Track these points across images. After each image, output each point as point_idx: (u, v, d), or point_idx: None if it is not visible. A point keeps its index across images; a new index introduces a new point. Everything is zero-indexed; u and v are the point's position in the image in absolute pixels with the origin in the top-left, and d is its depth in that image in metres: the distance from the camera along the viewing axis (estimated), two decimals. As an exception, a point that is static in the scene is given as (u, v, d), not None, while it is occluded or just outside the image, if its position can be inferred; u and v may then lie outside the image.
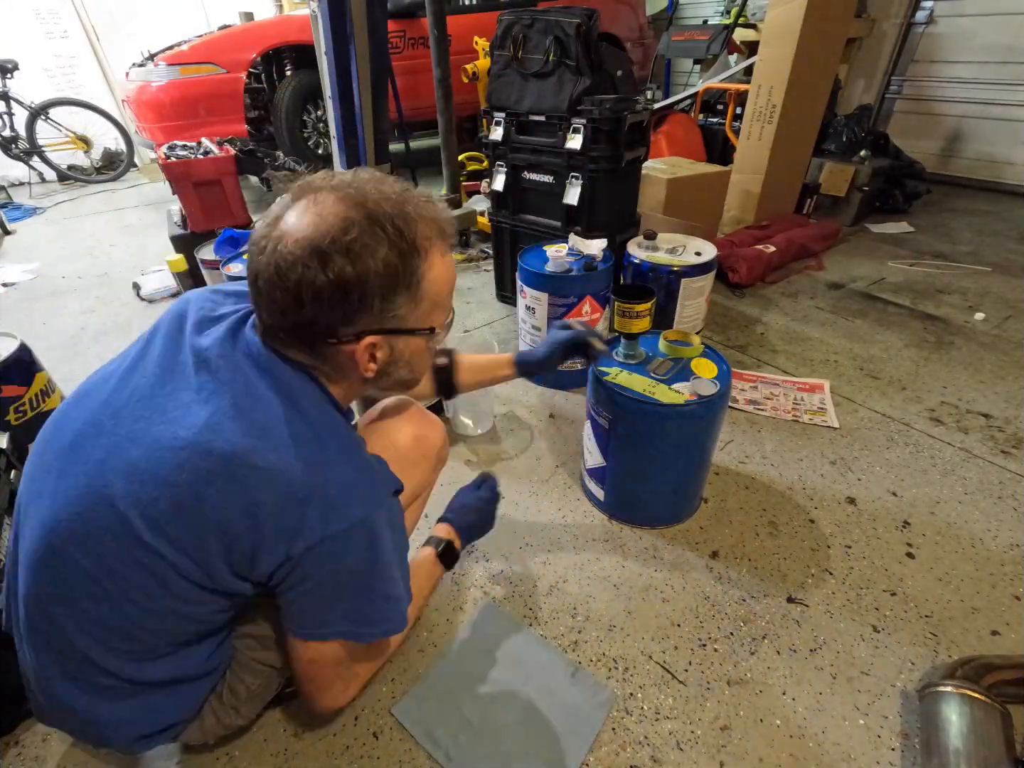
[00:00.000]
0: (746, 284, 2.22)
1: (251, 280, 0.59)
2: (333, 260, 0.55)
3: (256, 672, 0.75)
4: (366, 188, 0.59)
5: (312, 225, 0.56)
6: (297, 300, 0.56)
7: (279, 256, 0.55)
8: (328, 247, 0.55)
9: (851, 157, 2.88)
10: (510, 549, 1.17)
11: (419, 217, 0.60)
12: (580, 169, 1.70)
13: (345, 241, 0.55)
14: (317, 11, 2.06)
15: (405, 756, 0.84)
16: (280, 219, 0.58)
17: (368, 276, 0.56)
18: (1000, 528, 1.18)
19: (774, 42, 2.36)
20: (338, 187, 0.58)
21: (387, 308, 0.60)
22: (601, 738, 0.85)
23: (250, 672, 0.75)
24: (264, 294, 0.58)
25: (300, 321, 0.58)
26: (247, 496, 0.56)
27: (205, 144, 2.51)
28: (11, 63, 4.01)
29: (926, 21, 3.40)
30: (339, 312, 0.58)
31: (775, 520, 1.22)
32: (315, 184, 0.59)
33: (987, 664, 0.86)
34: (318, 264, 0.55)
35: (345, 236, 0.55)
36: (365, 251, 0.56)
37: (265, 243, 0.57)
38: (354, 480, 0.61)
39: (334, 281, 0.55)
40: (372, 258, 0.56)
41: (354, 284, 0.56)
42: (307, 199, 0.58)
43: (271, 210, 0.59)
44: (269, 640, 0.74)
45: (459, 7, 3.99)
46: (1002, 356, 1.76)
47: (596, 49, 1.62)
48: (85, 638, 0.60)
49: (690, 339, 1.15)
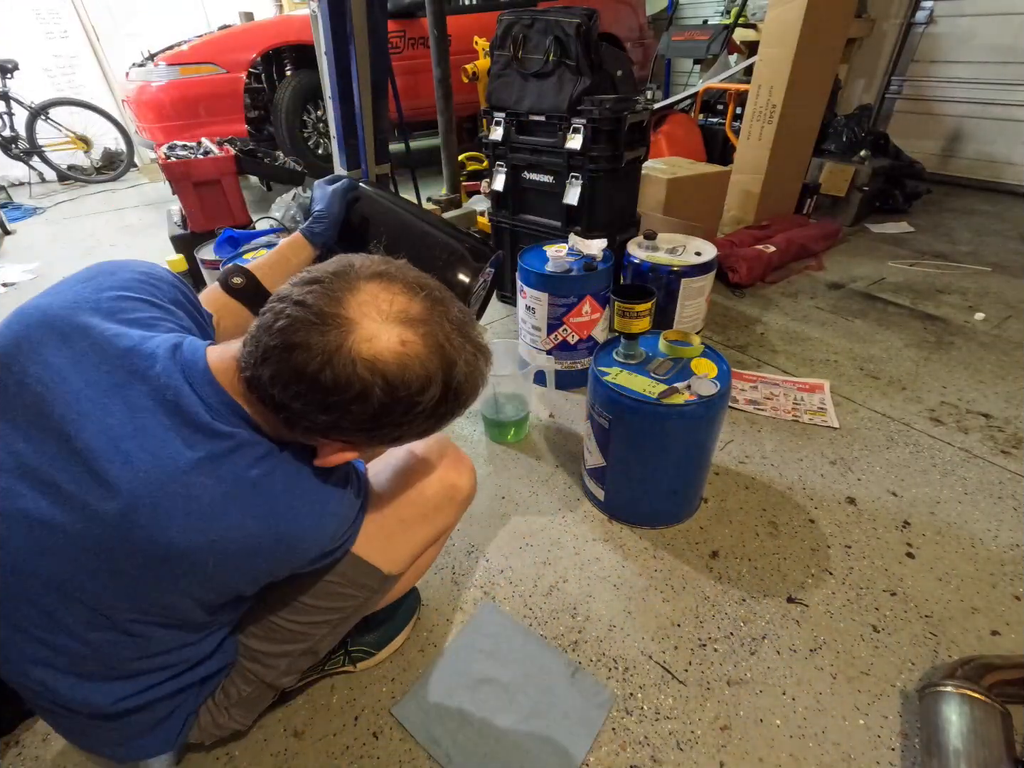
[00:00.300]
0: (746, 284, 2.22)
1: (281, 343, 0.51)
2: (393, 408, 0.53)
3: (247, 680, 0.74)
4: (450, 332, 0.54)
5: (394, 358, 0.51)
6: (324, 408, 0.52)
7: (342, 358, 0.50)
8: (400, 395, 0.52)
9: (851, 157, 2.87)
10: (510, 549, 1.17)
11: (477, 383, 0.58)
12: (580, 169, 1.70)
13: (414, 400, 0.53)
14: (317, 11, 2.06)
15: (405, 756, 0.84)
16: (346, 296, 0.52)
17: (401, 427, 0.56)
18: (1000, 528, 1.18)
19: (774, 42, 2.36)
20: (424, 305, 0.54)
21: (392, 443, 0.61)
22: (601, 738, 0.86)
23: (242, 678, 0.74)
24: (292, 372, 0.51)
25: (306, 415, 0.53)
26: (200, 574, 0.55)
27: (205, 144, 2.51)
28: (11, 63, 4.01)
29: (926, 21, 3.40)
30: (351, 431, 0.55)
31: (775, 520, 1.22)
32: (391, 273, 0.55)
33: (987, 664, 0.86)
34: (376, 397, 0.51)
35: (419, 397, 0.53)
36: (421, 414, 0.54)
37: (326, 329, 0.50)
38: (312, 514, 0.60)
39: (372, 416, 0.53)
40: (421, 418, 0.55)
41: (389, 427, 0.55)
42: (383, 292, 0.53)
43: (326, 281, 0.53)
44: (261, 655, 0.73)
45: (459, 7, 3.99)
46: (1002, 356, 1.76)
47: (596, 49, 1.62)
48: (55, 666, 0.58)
49: (690, 339, 1.15)
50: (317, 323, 0.50)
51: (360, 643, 0.94)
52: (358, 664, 0.94)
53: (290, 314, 0.51)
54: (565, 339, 1.58)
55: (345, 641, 0.93)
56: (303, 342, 0.50)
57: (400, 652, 0.98)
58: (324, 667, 0.92)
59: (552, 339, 1.58)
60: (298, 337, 0.50)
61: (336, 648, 0.92)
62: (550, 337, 1.58)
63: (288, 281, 0.55)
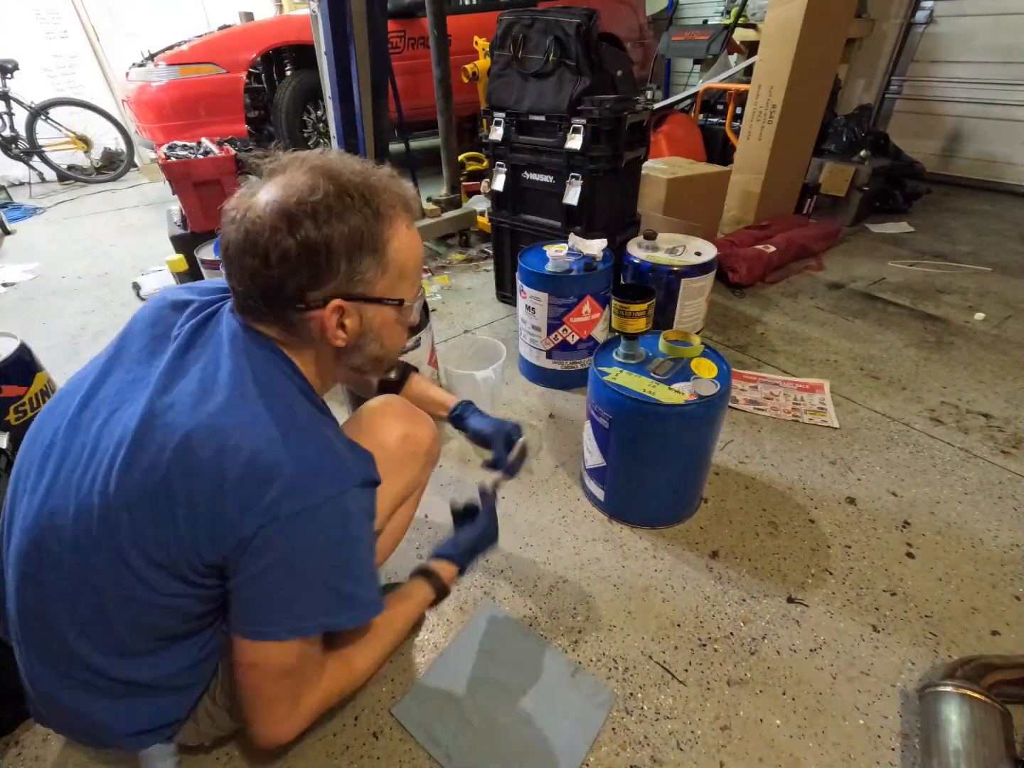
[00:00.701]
0: (746, 284, 2.22)
1: (223, 250, 0.60)
2: (300, 222, 0.56)
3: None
4: (332, 162, 0.61)
5: (280, 191, 0.58)
6: (265, 263, 0.57)
7: (248, 222, 0.57)
8: (295, 209, 0.56)
9: (851, 157, 2.87)
10: (510, 549, 1.17)
11: (384, 188, 0.62)
12: (580, 169, 1.70)
13: (311, 203, 0.57)
14: (317, 11, 2.06)
15: (405, 756, 0.84)
16: (249, 194, 0.59)
17: (333, 238, 0.57)
18: (1000, 528, 1.18)
19: (774, 42, 2.36)
20: (305, 161, 0.61)
21: (353, 272, 0.61)
22: (601, 738, 0.85)
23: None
24: (235, 261, 0.59)
25: (269, 286, 0.59)
26: (210, 469, 0.56)
27: (205, 144, 2.51)
28: (11, 63, 4.01)
29: (926, 21, 3.40)
30: (305, 274, 0.59)
31: (775, 520, 1.22)
32: (283, 162, 0.61)
33: (987, 664, 0.86)
34: (286, 227, 0.56)
35: (311, 198, 0.57)
36: (331, 214, 0.57)
37: (235, 213, 0.58)
38: (316, 462, 0.59)
39: (301, 242, 0.57)
40: (338, 220, 0.58)
41: (320, 245, 0.57)
42: (276, 175, 0.60)
43: (241, 188, 0.61)
44: None
45: (459, 7, 3.99)
46: (1002, 356, 1.76)
47: (596, 49, 1.62)
48: (72, 635, 0.60)
49: (690, 339, 1.15)
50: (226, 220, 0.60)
51: None
52: None
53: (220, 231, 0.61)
54: (565, 339, 1.58)
55: None
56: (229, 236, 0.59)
57: (400, 652, 0.98)
58: None
59: (552, 339, 1.58)
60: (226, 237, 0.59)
61: None
62: (550, 337, 1.58)
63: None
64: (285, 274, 0.58)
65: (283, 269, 0.58)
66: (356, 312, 0.63)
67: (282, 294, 0.60)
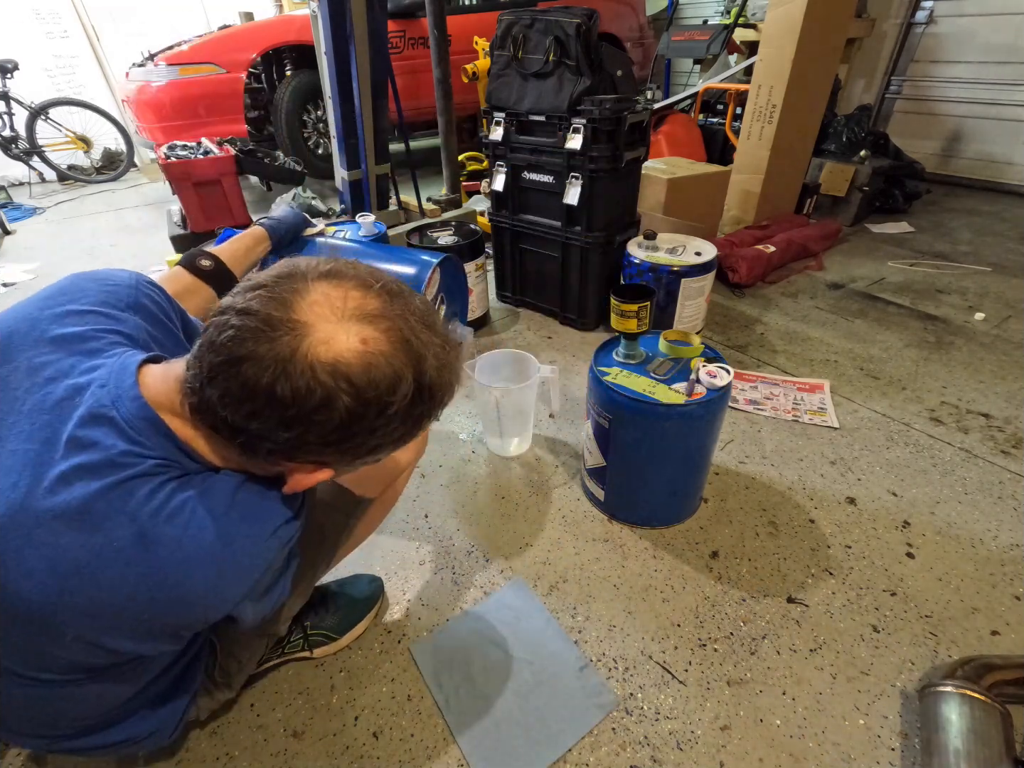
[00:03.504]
0: (746, 284, 2.22)
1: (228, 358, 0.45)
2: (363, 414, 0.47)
3: (246, 645, 0.76)
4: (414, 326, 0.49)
5: (356, 358, 0.46)
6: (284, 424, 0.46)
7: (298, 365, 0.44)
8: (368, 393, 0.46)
9: (851, 157, 2.87)
10: (510, 549, 1.17)
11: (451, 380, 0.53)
12: (580, 169, 1.70)
13: (384, 401, 0.47)
14: (317, 11, 2.06)
15: (405, 756, 0.84)
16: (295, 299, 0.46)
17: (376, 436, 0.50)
18: (1000, 528, 1.18)
19: (774, 42, 2.36)
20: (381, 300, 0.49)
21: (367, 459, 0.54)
22: (601, 738, 0.85)
23: (240, 646, 0.75)
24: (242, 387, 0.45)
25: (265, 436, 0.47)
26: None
27: (205, 144, 2.51)
28: (11, 63, 4.01)
29: (926, 21, 3.40)
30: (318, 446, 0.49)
31: (775, 520, 1.22)
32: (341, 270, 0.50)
33: (987, 664, 0.86)
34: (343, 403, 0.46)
35: (390, 397, 0.47)
36: (392, 420, 0.49)
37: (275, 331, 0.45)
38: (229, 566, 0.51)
39: (340, 426, 0.47)
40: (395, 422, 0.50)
41: (362, 436, 0.49)
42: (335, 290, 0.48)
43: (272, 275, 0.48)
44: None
45: (459, 7, 3.99)
46: (1002, 356, 1.76)
47: (596, 49, 1.62)
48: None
49: (690, 339, 1.15)
50: (266, 330, 0.44)
51: (320, 628, 0.95)
52: (316, 650, 0.95)
53: (234, 324, 0.45)
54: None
55: (304, 625, 0.94)
56: (251, 353, 0.44)
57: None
58: (284, 650, 0.93)
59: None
60: (245, 348, 0.44)
61: (295, 632, 0.94)
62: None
63: (230, 292, 0.49)
64: (297, 443, 0.48)
65: (298, 441, 0.47)
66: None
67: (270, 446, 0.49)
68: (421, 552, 1.17)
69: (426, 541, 1.19)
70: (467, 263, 1.78)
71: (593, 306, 1.92)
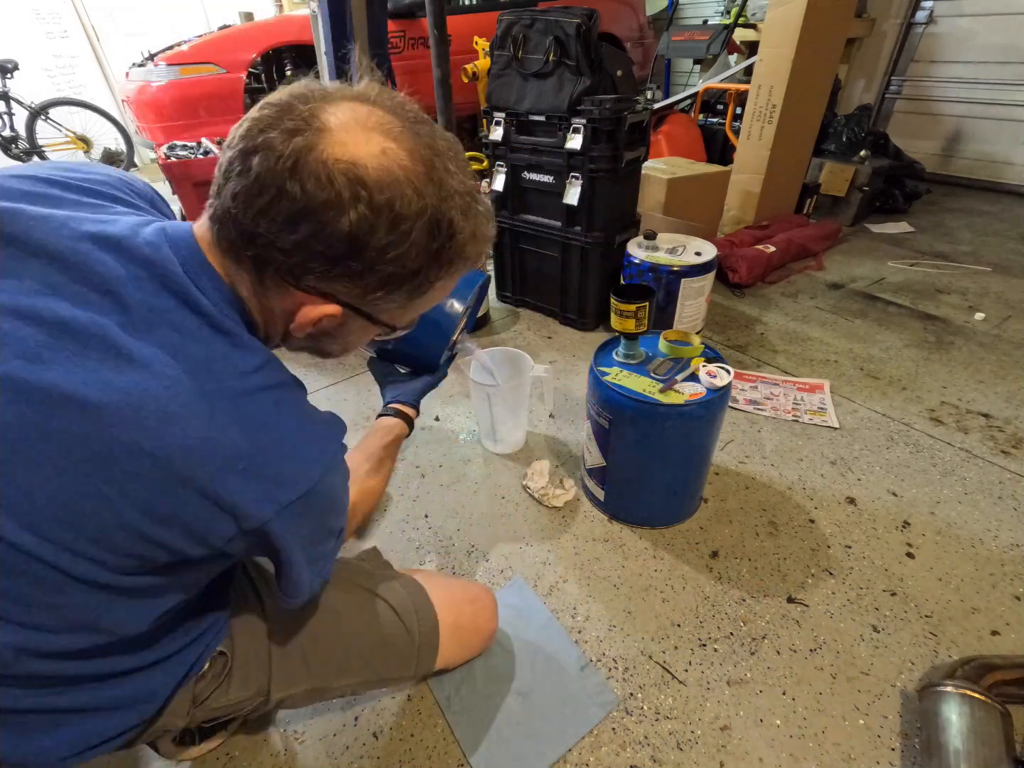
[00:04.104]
0: (746, 284, 2.22)
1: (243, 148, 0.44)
2: (374, 225, 0.44)
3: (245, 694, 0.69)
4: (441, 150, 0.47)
5: (375, 162, 0.43)
6: (292, 222, 0.43)
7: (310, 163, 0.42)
8: (379, 201, 0.43)
9: (851, 157, 2.87)
10: (510, 549, 1.17)
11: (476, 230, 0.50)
12: (580, 169, 1.70)
13: (399, 216, 0.44)
14: (317, 11, 2.06)
15: (405, 756, 0.84)
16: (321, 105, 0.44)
17: (388, 263, 0.46)
18: (1000, 528, 1.18)
19: (774, 42, 2.36)
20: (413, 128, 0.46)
21: (376, 296, 0.50)
22: (601, 738, 0.86)
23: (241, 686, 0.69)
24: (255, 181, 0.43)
25: (272, 240, 0.45)
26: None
27: (205, 144, 2.51)
28: (11, 63, 4.02)
29: (926, 21, 3.40)
30: (325, 267, 0.46)
31: (775, 520, 1.22)
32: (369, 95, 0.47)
33: (987, 664, 0.86)
34: (354, 209, 0.43)
35: (406, 211, 0.44)
36: (409, 238, 0.45)
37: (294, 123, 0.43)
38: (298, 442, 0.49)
39: (350, 235, 0.44)
40: (411, 249, 0.46)
41: (370, 256, 0.45)
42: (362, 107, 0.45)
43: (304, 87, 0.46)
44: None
45: (459, 7, 3.99)
46: (1002, 356, 1.76)
47: (596, 49, 1.62)
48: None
49: (690, 339, 1.15)
50: (286, 123, 0.43)
51: None
52: None
53: (252, 117, 0.44)
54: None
55: None
56: (266, 142, 0.42)
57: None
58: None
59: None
60: (261, 138, 0.43)
61: None
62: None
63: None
64: (304, 253, 0.45)
65: (307, 241, 0.44)
66: (343, 320, 0.52)
67: (276, 252, 0.46)
68: (421, 552, 1.17)
69: (426, 541, 1.19)
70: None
71: (593, 306, 1.92)
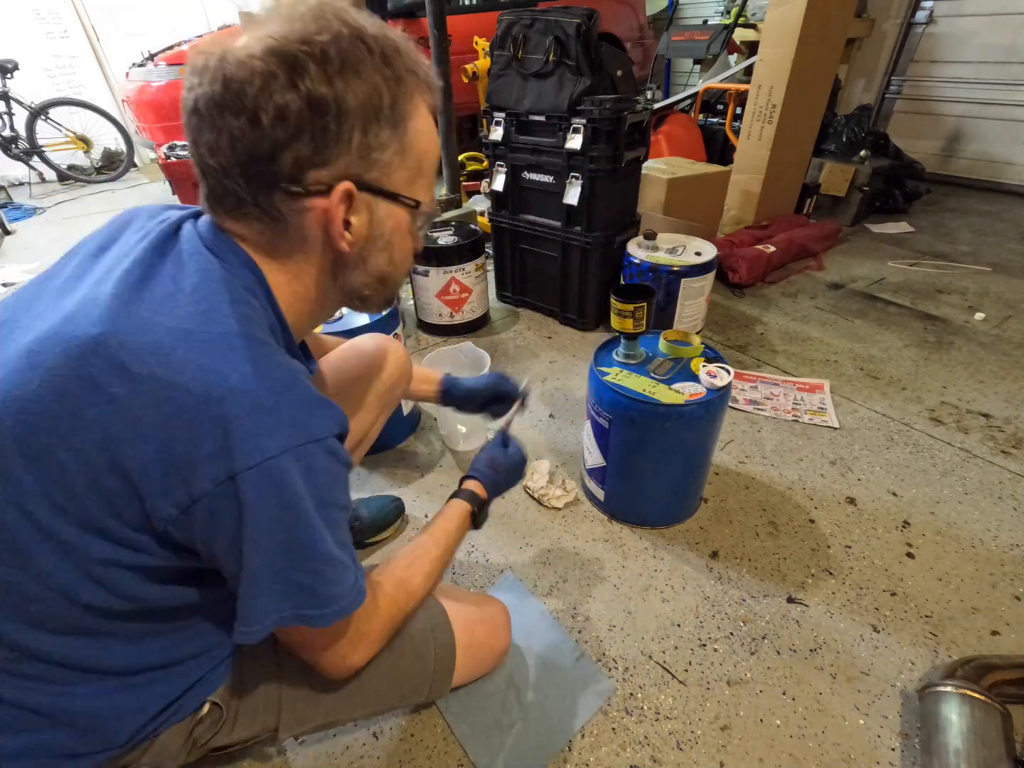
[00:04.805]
0: (746, 284, 2.22)
1: (188, 111, 0.45)
2: (304, 69, 0.43)
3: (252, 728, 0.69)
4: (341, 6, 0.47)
5: (274, 27, 0.44)
6: (254, 123, 0.43)
7: (229, 67, 0.43)
8: (297, 50, 0.43)
9: (851, 157, 2.87)
10: (510, 549, 1.17)
11: (405, 50, 0.49)
12: (580, 169, 1.70)
13: (320, 44, 0.43)
14: (317, 11, 2.06)
15: (405, 756, 0.84)
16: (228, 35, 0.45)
17: (347, 95, 0.44)
18: (1000, 528, 1.18)
19: (774, 42, 2.36)
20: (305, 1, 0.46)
21: (369, 147, 0.47)
22: (601, 738, 0.86)
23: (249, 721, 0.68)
24: (208, 123, 0.44)
25: (256, 154, 0.45)
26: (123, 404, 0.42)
27: (205, 144, 2.52)
28: (11, 63, 4.01)
29: (926, 21, 3.40)
30: (308, 142, 0.45)
31: (775, 520, 1.22)
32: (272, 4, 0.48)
33: (987, 664, 0.86)
34: (284, 73, 0.42)
35: (318, 37, 0.43)
36: (344, 64, 0.44)
37: (206, 59, 0.44)
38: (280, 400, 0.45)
39: (304, 96, 0.43)
40: (353, 74, 0.44)
41: (330, 103, 0.44)
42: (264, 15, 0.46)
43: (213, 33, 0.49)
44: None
45: (459, 7, 3.99)
46: (1002, 356, 1.76)
47: (596, 49, 1.62)
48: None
49: (690, 339, 1.15)
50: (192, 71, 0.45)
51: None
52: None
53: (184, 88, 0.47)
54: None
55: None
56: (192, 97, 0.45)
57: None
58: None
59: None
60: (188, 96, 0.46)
61: None
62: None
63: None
64: (280, 139, 0.44)
65: (278, 132, 0.44)
66: (366, 207, 0.50)
67: (273, 168, 0.45)
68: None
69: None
70: (467, 263, 1.78)
71: (593, 306, 1.92)
